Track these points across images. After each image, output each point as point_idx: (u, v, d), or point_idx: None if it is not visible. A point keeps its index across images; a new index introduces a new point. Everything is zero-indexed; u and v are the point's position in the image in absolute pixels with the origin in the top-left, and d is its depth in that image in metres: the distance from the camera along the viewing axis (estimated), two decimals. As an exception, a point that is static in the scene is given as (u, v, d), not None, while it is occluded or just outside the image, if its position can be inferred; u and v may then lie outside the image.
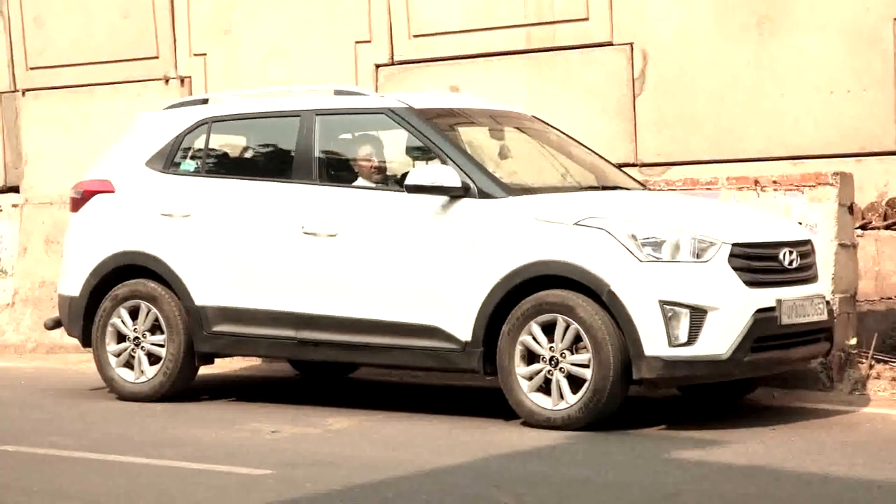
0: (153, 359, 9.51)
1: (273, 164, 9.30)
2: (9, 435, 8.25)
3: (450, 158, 8.61)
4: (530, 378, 8.18)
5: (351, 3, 12.19)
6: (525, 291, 8.21)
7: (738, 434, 7.94)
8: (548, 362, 8.13)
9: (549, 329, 8.13)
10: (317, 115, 9.15)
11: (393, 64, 12.09)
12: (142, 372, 9.53)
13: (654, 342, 7.89)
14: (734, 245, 8.09)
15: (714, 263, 8.02)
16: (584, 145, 9.78)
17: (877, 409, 8.89)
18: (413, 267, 8.53)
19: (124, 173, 9.82)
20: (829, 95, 10.45)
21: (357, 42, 12.17)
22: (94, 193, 9.90)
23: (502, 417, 8.41)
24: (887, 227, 10.17)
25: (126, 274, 9.63)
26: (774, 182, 9.57)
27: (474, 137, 9.46)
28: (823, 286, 8.77)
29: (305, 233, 8.90)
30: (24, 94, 13.78)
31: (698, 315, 7.89)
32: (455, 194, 8.46)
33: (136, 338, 9.55)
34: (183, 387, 9.49)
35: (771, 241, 8.38)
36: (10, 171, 13.88)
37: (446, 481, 6.85)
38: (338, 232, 8.80)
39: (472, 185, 8.46)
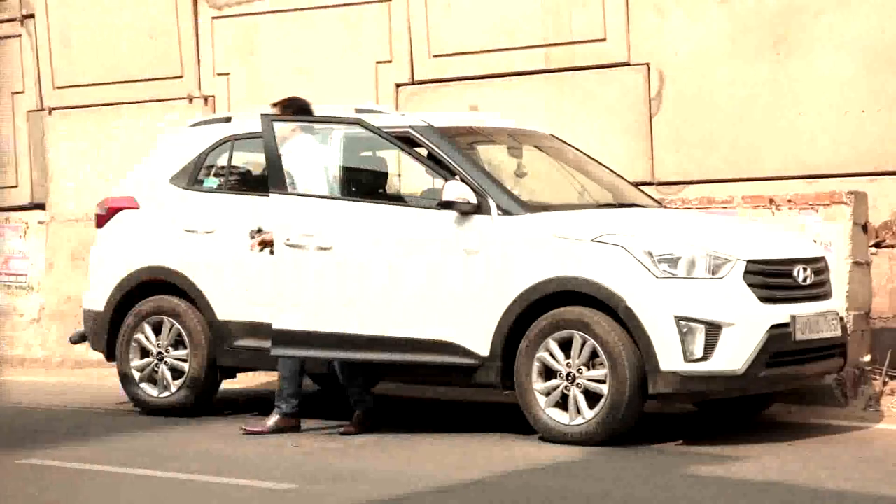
0: (176, 373, 9.62)
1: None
2: (35, 448, 8.35)
3: (469, 176, 8.69)
4: (548, 394, 8.27)
5: (372, 24, 12.31)
6: (543, 307, 8.30)
7: (753, 449, 8.00)
8: (565, 378, 8.22)
9: (566, 345, 8.21)
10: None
11: (413, 84, 12.20)
12: (165, 387, 9.64)
13: (670, 357, 7.96)
14: (749, 262, 8.16)
15: (729, 280, 8.10)
16: (601, 163, 9.87)
17: (890, 425, 8.94)
18: (433, 283, 8.61)
19: (148, 190, 9.94)
20: (844, 115, 10.52)
21: (378, 62, 12.27)
22: (118, 210, 10.02)
23: (520, 432, 8.49)
24: (901, 246, 10.23)
25: (150, 289, 9.75)
26: (790, 201, 9.64)
27: (493, 155, 9.55)
28: (837, 303, 8.84)
29: (318, 248, 8.94)
30: (50, 112, 13.94)
31: (713, 331, 7.96)
32: (474, 211, 8.54)
33: (160, 353, 9.67)
34: (206, 401, 9.60)
35: (785, 257, 8.45)
36: (37, 189, 14.01)
37: (465, 496, 6.94)
38: (358, 248, 8.86)
39: (490, 201, 8.54)
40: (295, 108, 9.06)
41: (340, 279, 8.79)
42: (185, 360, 9.57)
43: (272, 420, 8.82)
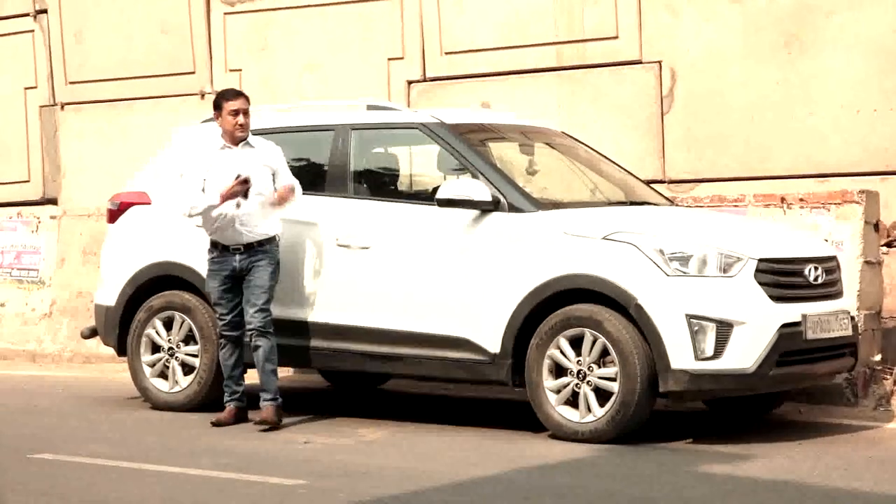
0: (187, 369, 9.64)
1: (307, 178, 9.41)
2: (46, 443, 8.38)
3: (480, 173, 8.72)
4: (558, 391, 8.28)
5: (384, 21, 12.32)
6: (554, 305, 8.32)
7: (764, 448, 8.01)
8: (575, 375, 8.23)
9: (576, 342, 8.22)
10: (351, 129, 9.28)
11: (425, 80, 12.21)
12: (176, 382, 9.66)
13: (681, 356, 7.97)
14: (760, 260, 8.17)
15: (740, 278, 8.10)
16: (612, 161, 9.88)
17: (901, 424, 8.98)
18: (444, 279, 8.63)
19: (160, 186, 9.96)
20: (856, 114, 10.51)
21: (390, 59, 12.29)
22: (130, 205, 10.04)
23: (531, 430, 8.51)
24: (912, 245, 10.22)
25: (161, 284, 9.77)
26: (801, 200, 9.64)
27: (504, 152, 9.57)
28: (848, 302, 8.85)
29: (338, 245, 9.03)
30: (63, 107, 13.98)
31: (724, 329, 7.97)
32: (485, 208, 8.56)
33: (171, 348, 9.68)
34: (216, 397, 9.58)
35: (797, 256, 8.46)
36: (49, 184, 14.06)
37: (476, 493, 6.96)
38: (370, 244, 8.92)
39: (502, 199, 8.56)
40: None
41: (358, 275, 8.85)
42: (195, 356, 9.58)
43: (274, 409, 8.85)
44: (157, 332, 9.73)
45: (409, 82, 12.25)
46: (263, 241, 8.94)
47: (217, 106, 9.07)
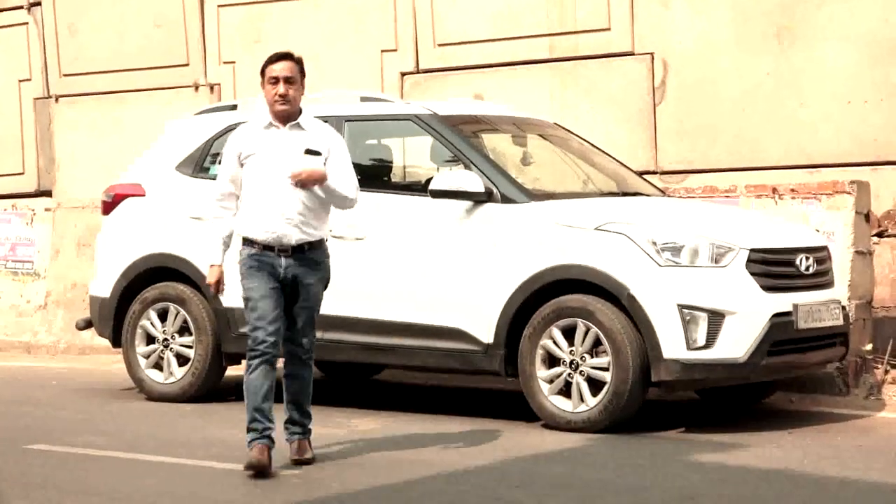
0: (182, 360, 9.67)
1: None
2: (41, 434, 8.39)
3: (473, 164, 8.75)
4: (551, 381, 8.32)
5: (377, 13, 12.34)
6: (546, 295, 8.35)
7: (755, 437, 8.04)
8: (568, 365, 8.27)
9: (569, 333, 8.26)
10: (345, 121, 9.30)
11: (418, 72, 12.23)
12: (170, 373, 9.69)
13: (673, 345, 8.01)
14: (752, 250, 8.21)
15: (732, 268, 8.14)
16: (605, 152, 9.91)
17: (892, 413, 8.99)
18: (438, 270, 8.67)
19: (155, 177, 9.98)
20: (847, 105, 10.55)
21: (383, 51, 12.31)
22: (125, 197, 10.06)
23: (524, 419, 8.54)
24: (903, 235, 10.27)
25: (156, 276, 9.79)
26: (792, 190, 9.68)
27: (497, 144, 9.60)
28: (839, 291, 8.89)
29: (333, 236, 9.05)
30: (57, 100, 13.99)
31: (716, 319, 8.01)
32: (478, 199, 8.59)
33: (165, 339, 9.72)
34: (211, 387, 9.65)
35: (788, 246, 8.49)
36: (44, 176, 14.07)
37: (470, 482, 6.99)
38: (364, 235, 8.96)
39: (495, 190, 8.59)
40: None
41: (352, 266, 8.88)
42: (190, 347, 9.62)
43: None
44: (151, 323, 9.76)
45: (403, 74, 12.27)
46: (314, 242, 7.36)
47: (262, 73, 7.30)
